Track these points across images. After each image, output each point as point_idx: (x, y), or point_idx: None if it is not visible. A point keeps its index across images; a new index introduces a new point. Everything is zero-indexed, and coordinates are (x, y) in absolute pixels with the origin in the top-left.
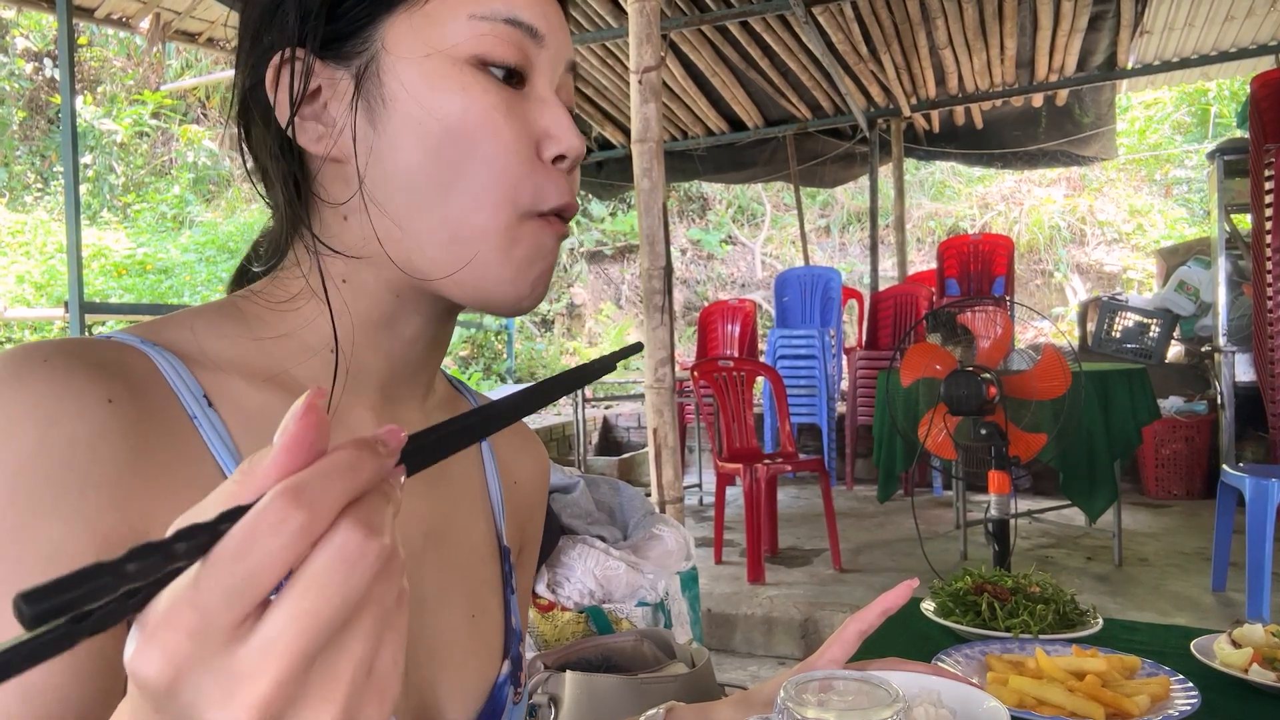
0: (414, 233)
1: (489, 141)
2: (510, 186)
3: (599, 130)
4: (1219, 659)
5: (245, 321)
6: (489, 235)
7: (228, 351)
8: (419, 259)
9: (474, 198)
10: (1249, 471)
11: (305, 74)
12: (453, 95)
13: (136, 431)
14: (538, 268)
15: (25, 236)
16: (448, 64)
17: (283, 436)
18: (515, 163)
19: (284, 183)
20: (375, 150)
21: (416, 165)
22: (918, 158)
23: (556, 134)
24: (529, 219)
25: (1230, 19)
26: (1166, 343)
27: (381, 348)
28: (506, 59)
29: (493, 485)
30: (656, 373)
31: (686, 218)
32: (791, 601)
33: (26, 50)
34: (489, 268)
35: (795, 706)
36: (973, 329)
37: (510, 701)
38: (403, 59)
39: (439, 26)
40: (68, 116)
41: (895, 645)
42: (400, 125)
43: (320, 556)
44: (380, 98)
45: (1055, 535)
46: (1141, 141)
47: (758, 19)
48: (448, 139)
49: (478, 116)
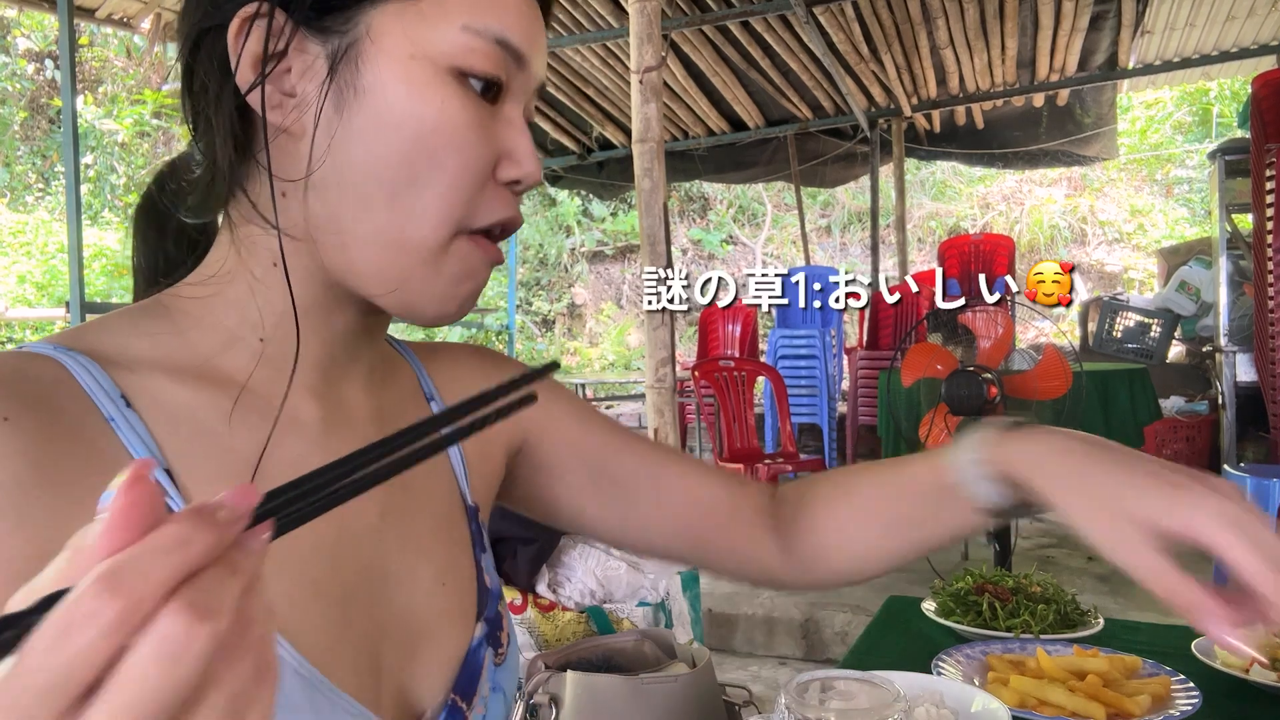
0: (351, 230)
1: (453, 157)
2: (456, 205)
3: (599, 130)
4: (1220, 659)
5: (169, 316)
6: (423, 249)
7: (149, 349)
8: (349, 256)
9: (420, 209)
10: (1250, 472)
11: (276, 37)
12: (430, 103)
13: (38, 446)
14: (466, 286)
15: (26, 237)
16: (430, 69)
17: (108, 511)
18: (469, 182)
19: (225, 141)
20: (336, 138)
21: (374, 164)
22: (919, 158)
23: (518, 159)
24: (459, 237)
25: (1231, 19)
26: (1167, 343)
27: (316, 333)
28: (489, 74)
29: None
30: (657, 373)
31: (687, 218)
32: (792, 601)
33: (28, 50)
34: (417, 281)
35: (797, 706)
36: (974, 329)
37: (491, 663)
38: (386, 52)
39: (429, 28)
40: (69, 117)
41: (896, 645)
42: (368, 120)
43: (141, 648)
44: (354, 86)
45: (1056, 535)
46: (1143, 141)
47: (759, 19)
48: (414, 146)
49: (449, 130)
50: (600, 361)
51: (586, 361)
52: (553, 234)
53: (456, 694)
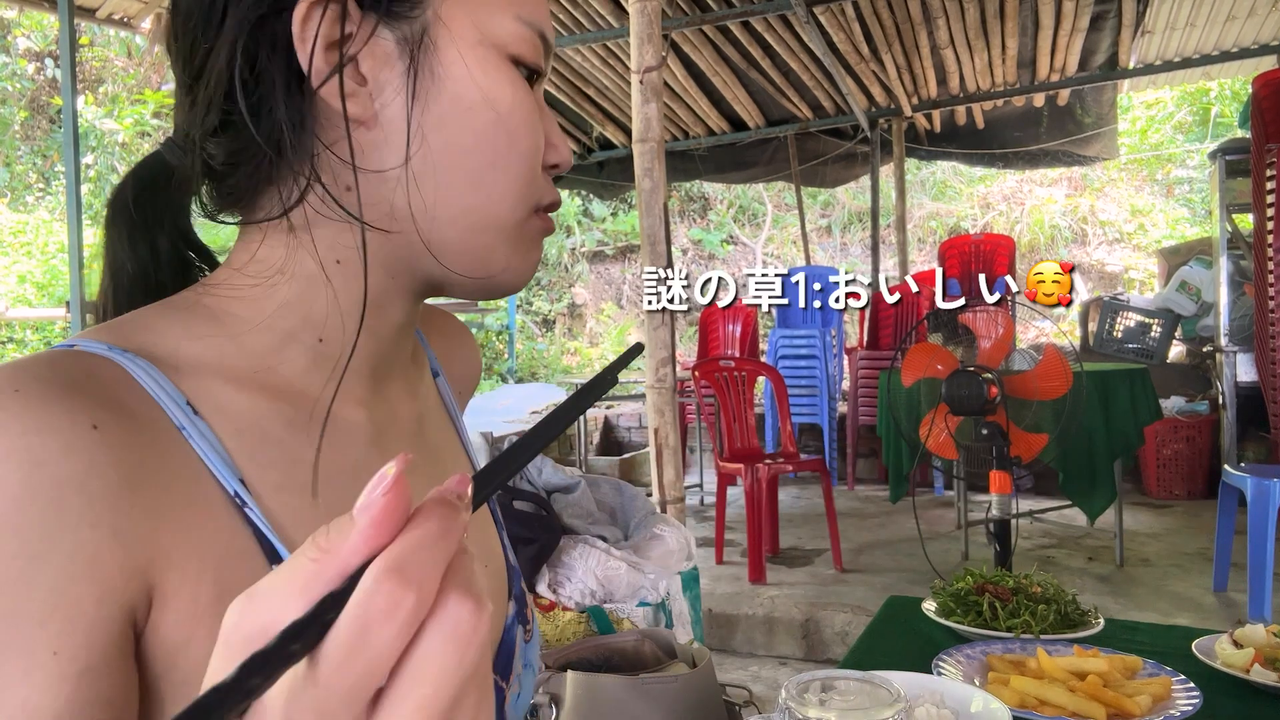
0: (439, 215)
1: (528, 137)
2: (531, 182)
3: (600, 130)
4: (1220, 659)
5: (216, 319)
6: (506, 227)
7: (204, 353)
8: (438, 239)
9: (502, 189)
10: (1251, 472)
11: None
12: (505, 86)
13: (126, 455)
14: (534, 257)
15: (27, 237)
16: (496, 55)
17: (368, 511)
18: (537, 162)
19: (289, 126)
20: (417, 124)
21: (456, 148)
22: (919, 157)
23: (555, 144)
24: (532, 214)
25: (1232, 19)
26: (1168, 343)
27: (372, 331)
28: (538, 64)
29: (455, 417)
30: (658, 373)
31: (688, 217)
32: (793, 601)
33: (28, 50)
34: (498, 256)
35: (797, 706)
36: (974, 329)
37: (521, 641)
38: (458, 38)
39: (491, 16)
40: (69, 116)
41: (897, 646)
42: (450, 105)
43: (433, 638)
44: (431, 72)
45: (1057, 535)
46: (1143, 141)
47: (759, 19)
48: (494, 129)
49: (524, 111)
50: (601, 361)
51: (587, 361)
52: (553, 234)
53: (498, 674)
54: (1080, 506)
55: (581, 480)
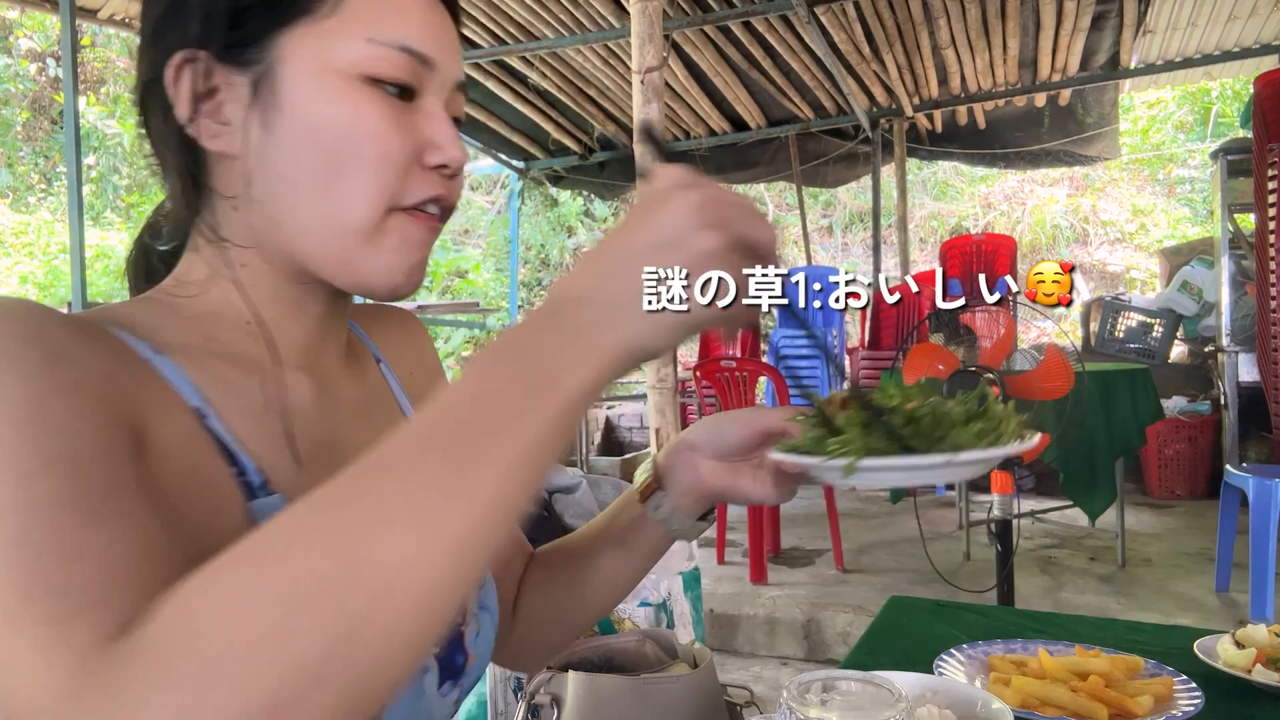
0: (296, 225)
1: (372, 146)
2: (384, 187)
3: (601, 130)
4: (1222, 659)
5: (169, 309)
6: (361, 230)
7: (161, 324)
8: (301, 250)
9: (351, 194)
10: (1252, 472)
11: (205, 76)
12: (342, 107)
13: (106, 354)
14: (407, 257)
15: (29, 237)
16: (340, 79)
17: None
18: (392, 167)
19: (180, 174)
20: (266, 151)
21: (303, 166)
22: (920, 158)
23: (441, 144)
24: (395, 213)
25: (1234, 18)
26: (1170, 343)
27: (294, 319)
28: (397, 78)
29: (401, 399)
30: (659, 373)
31: None
32: (794, 602)
33: (30, 51)
34: (363, 259)
35: (799, 707)
36: (975, 329)
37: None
38: (299, 71)
39: (335, 44)
40: (71, 117)
41: (898, 646)
42: (292, 130)
43: None
44: (275, 104)
45: (1058, 535)
46: (1145, 141)
47: (760, 19)
48: (335, 142)
49: (363, 125)
50: None
51: None
52: (554, 234)
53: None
54: (1081, 506)
55: (583, 480)
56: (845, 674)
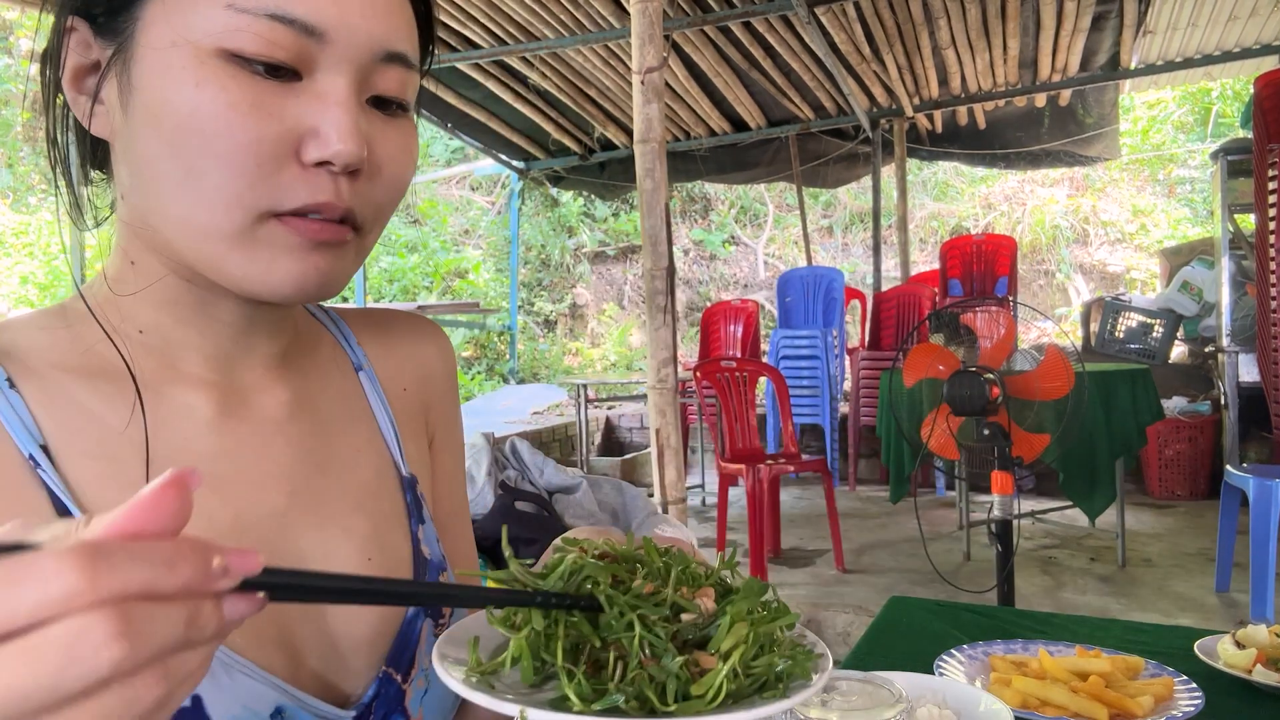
0: (160, 223)
1: (220, 141)
2: (245, 189)
3: (601, 131)
4: (1223, 660)
5: (64, 314)
6: (224, 235)
7: (42, 341)
8: (172, 248)
9: (206, 198)
10: (1253, 472)
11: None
12: (185, 89)
13: None
14: (292, 269)
15: (29, 237)
16: (190, 55)
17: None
18: (252, 164)
19: (52, 154)
20: (125, 137)
21: (153, 158)
22: (920, 158)
23: (325, 135)
24: (266, 220)
25: (1234, 19)
26: (1170, 343)
27: (192, 324)
28: (261, 54)
29: (379, 413)
30: (659, 373)
31: (689, 218)
32: (794, 602)
33: (30, 51)
34: (234, 265)
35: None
36: (975, 329)
37: (430, 635)
38: (150, 45)
39: (192, 13)
40: None
41: (899, 646)
42: (140, 115)
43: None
44: (129, 83)
45: (1059, 536)
46: (1145, 141)
47: (760, 19)
48: (179, 134)
49: (210, 113)
50: (602, 362)
51: (588, 362)
52: (555, 234)
53: (390, 666)
54: (1080, 506)
55: (583, 481)
56: (846, 674)
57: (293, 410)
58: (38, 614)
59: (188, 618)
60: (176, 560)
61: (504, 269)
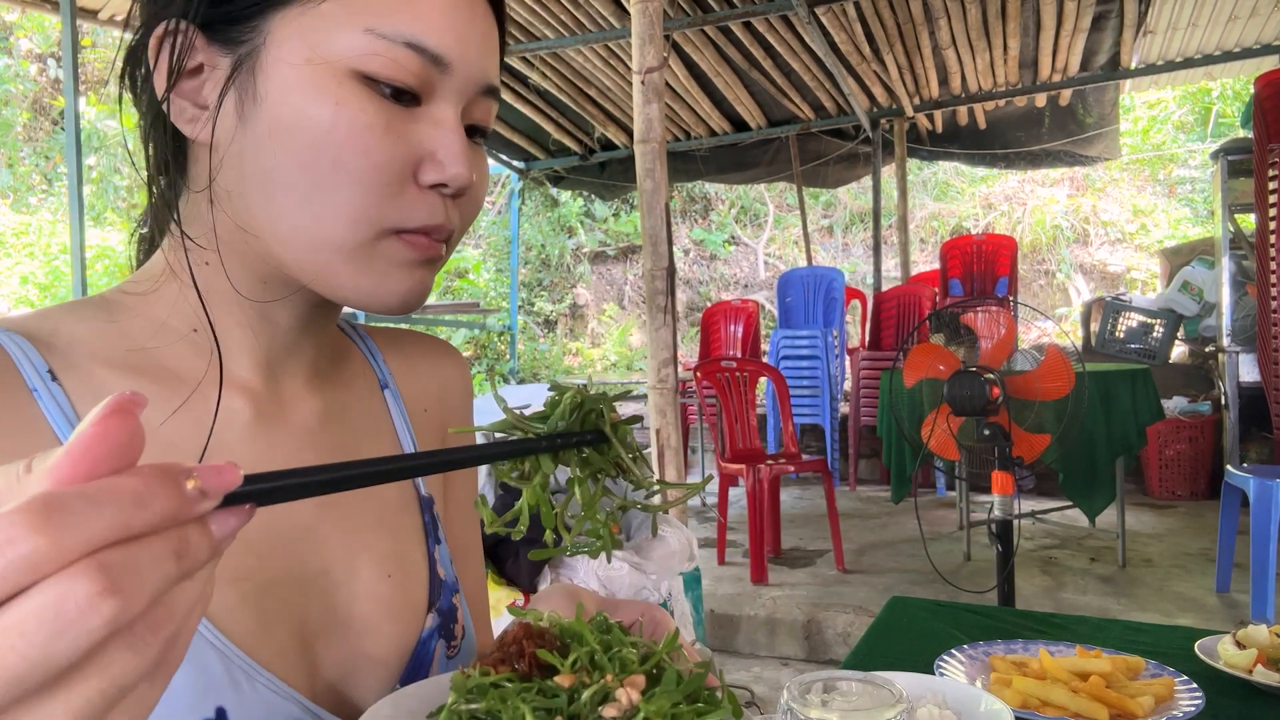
0: (271, 232)
1: (355, 159)
2: (372, 206)
3: (601, 131)
4: (1223, 660)
5: (106, 307)
6: (344, 249)
7: (83, 333)
8: (277, 258)
9: (331, 211)
10: (1253, 472)
11: (184, 49)
12: (324, 107)
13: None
14: (402, 283)
15: (30, 237)
16: (327, 74)
17: (76, 438)
18: (381, 183)
19: (148, 154)
20: (239, 144)
21: (276, 169)
22: (921, 158)
23: (442, 160)
24: (387, 236)
25: (1234, 19)
26: (1170, 343)
27: (250, 327)
28: (394, 79)
29: (401, 431)
30: (659, 373)
31: (689, 218)
32: (794, 602)
33: (30, 52)
34: (346, 278)
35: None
36: (976, 329)
37: (443, 655)
38: (283, 59)
39: (330, 32)
40: (72, 118)
41: (899, 647)
42: (267, 126)
43: (31, 599)
44: (253, 94)
45: (1059, 536)
46: (1145, 141)
47: (760, 19)
48: (312, 150)
49: (349, 131)
50: (602, 362)
51: (589, 362)
52: (555, 235)
53: (404, 685)
54: (1079, 505)
55: None
56: (846, 674)
57: (324, 421)
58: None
59: (175, 550)
60: (144, 494)
61: (504, 269)
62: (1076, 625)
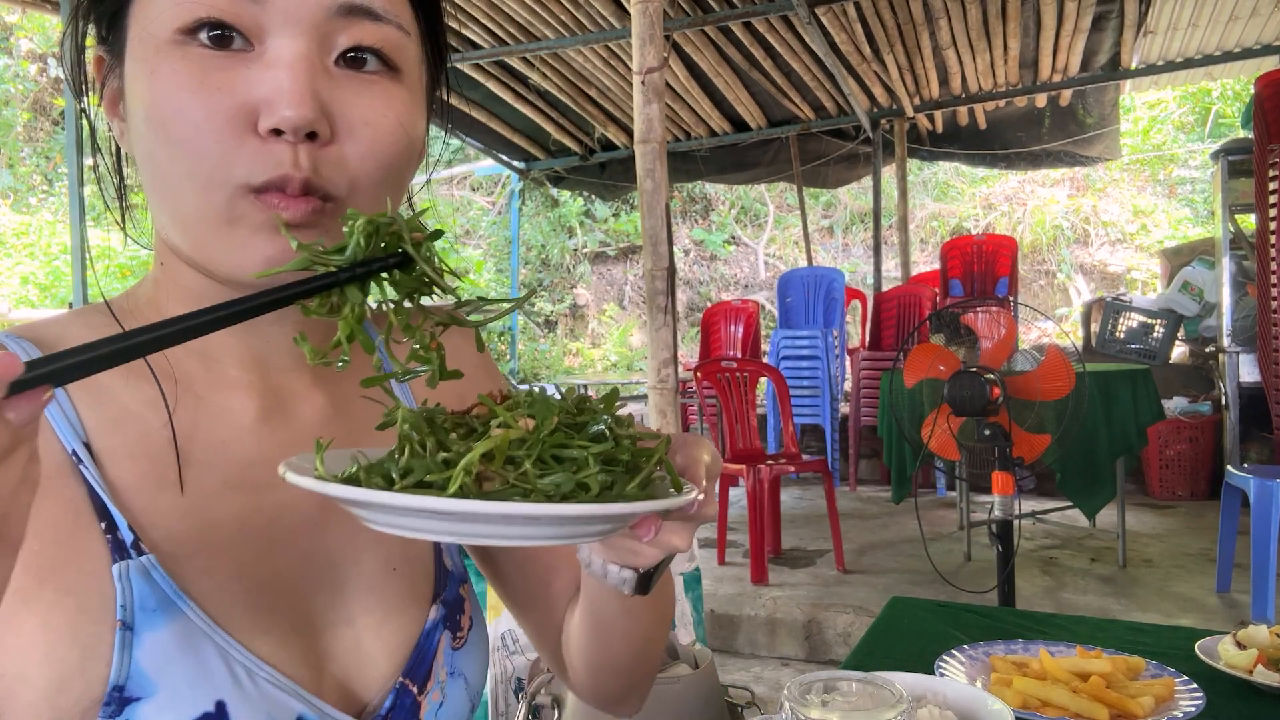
0: (164, 224)
1: (177, 123)
2: (211, 166)
3: (602, 131)
4: (1223, 660)
5: (115, 313)
6: (206, 220)
7: (84, 337)
8: (176, 246)
9: (180, 185)
10: (1253, 472)
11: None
12: (144, 82)
13: None
14: (260, 250)
15: (30, 238)
16: (150, 47)
17: None
18: (210, 140)
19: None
20: (129, 144)
21: (145, 160)
22: (921, 158)
23: (271, 101)
24: (244, 197)
25: (1234, 19)
26: (1171, 343)
27: (235, 330)
28: (201, 21)
29: None
30: (660, 373)
31: (689, 218)
32: (795, 602)
33: (30, 52)
34: (216, 250)
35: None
36: (976, 330)
37: (448, 647)
38: (130, 52)
39: (150, 6)
40: (72, 118)
41: (899, 647)
42: (130, 120)
43: None
44: (123, 92)
45: (1059, 536)
46: (1145, 141)
47: (761, 19)
48: (150, 127)
49: (164, 97)
50: (603, 362)
51: (589, 362)
52: (555, 235)
53: (407, 678)
54: (1078, 505)
55: None
56: (846, 675)
57: (328, 416)
58: None
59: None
60: None
61: (504, 269)
62: (1077, 625)
